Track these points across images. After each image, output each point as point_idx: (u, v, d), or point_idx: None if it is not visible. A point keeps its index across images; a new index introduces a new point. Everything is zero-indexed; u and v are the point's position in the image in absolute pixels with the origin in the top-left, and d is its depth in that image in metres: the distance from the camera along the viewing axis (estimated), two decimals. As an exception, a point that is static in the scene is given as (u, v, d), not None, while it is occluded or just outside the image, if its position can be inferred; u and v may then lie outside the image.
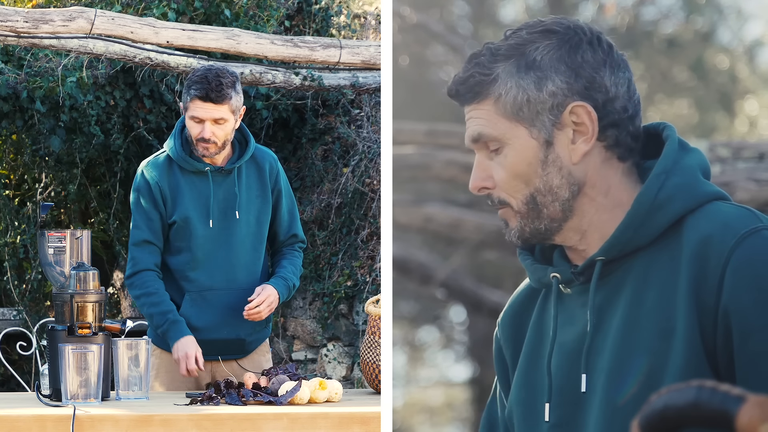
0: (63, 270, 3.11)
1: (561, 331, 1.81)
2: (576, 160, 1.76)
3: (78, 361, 2.85)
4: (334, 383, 3.06)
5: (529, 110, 1.74)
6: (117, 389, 3.04)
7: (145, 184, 3.53)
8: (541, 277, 1.84)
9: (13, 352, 4.23)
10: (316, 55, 6.10)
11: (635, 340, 1.70)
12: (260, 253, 3.61)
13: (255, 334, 3.61)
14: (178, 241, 3.53)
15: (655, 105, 5.35)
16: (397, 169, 5.45)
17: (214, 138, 3.46)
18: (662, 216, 1.72)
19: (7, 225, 6.99)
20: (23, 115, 6.57)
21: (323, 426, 2.82)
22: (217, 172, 3.52)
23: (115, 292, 7.29)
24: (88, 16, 5.55)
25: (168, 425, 2.75)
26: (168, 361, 3.54)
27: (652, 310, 1.70)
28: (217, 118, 3.44)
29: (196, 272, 3.53)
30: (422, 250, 5.90)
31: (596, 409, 1.72)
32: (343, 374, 6.65)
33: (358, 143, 6.87)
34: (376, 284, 6.39)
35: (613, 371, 1.71)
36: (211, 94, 3.42)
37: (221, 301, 3.52)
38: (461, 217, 5.45)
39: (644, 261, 1.73)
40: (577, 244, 1.80)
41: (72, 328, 2.98)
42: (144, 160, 3.62)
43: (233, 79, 3.48)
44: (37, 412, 2.79)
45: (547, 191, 1.77)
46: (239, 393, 3.00)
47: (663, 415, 1.29)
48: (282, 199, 3.65)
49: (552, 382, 1.79)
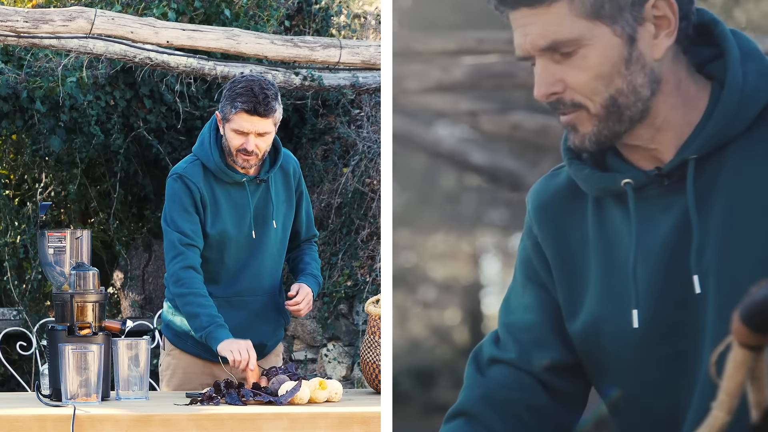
0: (63, 270, 3.11)
1: (642, 237, 1.75)
2: (659, 55, 1.70)
3: (78, 361, 2.85)
4: (334, 383, 3.06)
5: (611, 7, 1.68)
6: (117, 389, 3.04)
7: (186, 189, 3.43)
8: (608, 185, 1.78)
9: (13, 352, 4.23)
10: (316, 55, 6.10)
11: (742, 236, 1.65)
12: (283, 257, 3.62)
13: (274, 338, 3.62)
14: (213, 251, 3.48)
15: (741, 5, 5.28)
16: (481, 77, 5.44)
17: (257, 150, 3.40)
18: (752, 105, 1.68)
19: (7, 225, 6.99)
20: (23, 115, 6.57)
21: (323, 426, 2.82)
22: (252, 182, 3.49)
23: (115, 292, 7.29)
24: (88, 16, 5.55)
25: (168, 425, 2.75)
26: (186, 362, 3.53)
27: (756, 204, 1.65)
28: (261, 132, 3.39)
29: (225, 279, 3.50)
30: (510, 157, 5.83)
31: (711, 310, 1.68)
32: (343, 374, 6.65)
33: (358, 143, 6.87)
34: (376, 284, 6.39)
35: (722, 269, 1.66)
36: (258, 108, 3.35)
37: (247, 307, 3.51)
38: (548, 124, 5.39)
39: (737, 155, 1.68)
40: (648, 143, 1.75)
41: (72, 328, 2.98)
42: (176, 165, 3.53)
43: (276, 91, 3.43)
44: (37, 412, 2.79)
45: (630, 91, 1.71)
46: (239, 393, 3.00)
47: (763, 306, 1.28)
48: (303, 201, 3.65)
49: (639, 288, 1.75)
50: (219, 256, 3.49)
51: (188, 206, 3.43)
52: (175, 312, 3.55)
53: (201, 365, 3.55)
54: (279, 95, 3.46)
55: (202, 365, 3.55)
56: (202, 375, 3.55)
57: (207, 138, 3.48)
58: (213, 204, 3.47)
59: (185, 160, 3.52)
